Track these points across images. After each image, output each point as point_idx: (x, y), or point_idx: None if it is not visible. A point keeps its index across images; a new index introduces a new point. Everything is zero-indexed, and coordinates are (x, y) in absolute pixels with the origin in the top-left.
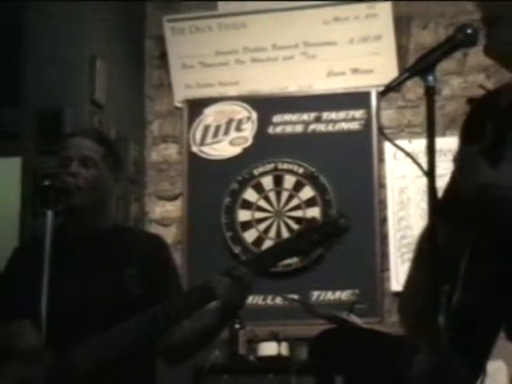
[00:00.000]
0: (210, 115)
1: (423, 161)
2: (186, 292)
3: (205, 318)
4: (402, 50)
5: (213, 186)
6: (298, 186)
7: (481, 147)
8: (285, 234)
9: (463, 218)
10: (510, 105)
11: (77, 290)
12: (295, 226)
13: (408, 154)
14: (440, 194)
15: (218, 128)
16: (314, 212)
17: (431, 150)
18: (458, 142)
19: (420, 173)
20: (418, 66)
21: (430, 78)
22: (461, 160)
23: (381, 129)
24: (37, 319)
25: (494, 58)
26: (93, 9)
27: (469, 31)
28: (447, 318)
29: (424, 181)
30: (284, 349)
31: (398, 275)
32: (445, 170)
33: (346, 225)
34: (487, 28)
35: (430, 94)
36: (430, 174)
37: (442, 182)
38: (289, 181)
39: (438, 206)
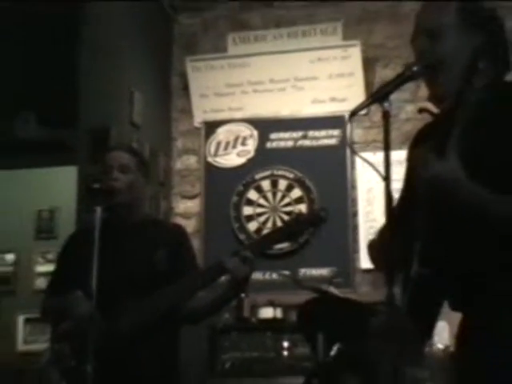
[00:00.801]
0: (222, 133)
1: (381, 168)
2: (204, 268)
3: (219, 289)
4: (368, 84)
5: (223, 187)
6: (289, 188)
7: (430, 146)
8: (279, 224)
9: (417, 204)
10: (448, 118)
11: (118, 266)
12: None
13: (369, 163)
14: (396, 194)
15: (227, 143)
16: (302, 208)
17: (387, 160)
18: (411, 147)
19: (379, 177)
20: (377, 96)
21: (386, 104)
22: (415, 156)
23: (350, 145)
24: (88, 290)
25: (436, 104)
26: (133, 53)
27: (414, 68)
28: (405, 288)
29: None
30: (278, 313)
31: (366, 256)
32: (398, 175)
33: (325, 216)
34: (426, 80)
35: (386, 116)
36: (386, 178)
37: (398, 185)
38: (282, 184)
39: (398, 201)
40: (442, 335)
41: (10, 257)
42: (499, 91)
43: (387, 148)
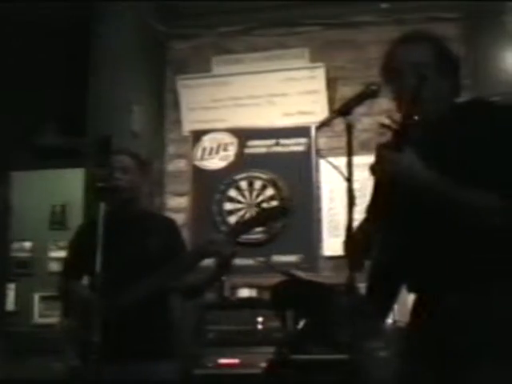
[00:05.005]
0: (207, 141)
1: (344, 171)
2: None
3: (208, 272)
4: (331, 100)
5: (208, 187)
6: (263, 187)
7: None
8: None
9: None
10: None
11: (119, 252)
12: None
13: (335, 167)
14: (355, 193)
15: (211, 149)
16: (274, 204)
17: (349, 164)
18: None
19: (342, 178)
20: (341, 110)
21: (349, 117)
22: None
23: (318, 150)
24: (94, 273)
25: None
26: (132, 73)
27: (373, 87)
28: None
29: (345, 184)
30: (254, 293)
31: (328, 245)
32: (357, 177)
33: (290, 206)
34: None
35: (349, 128)
36: (349, 179)
37: (356, 185)
38: (257, 184)
39: (367, 207)
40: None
41: (27, 244)
42: (453, 111)
43: (350, 154)
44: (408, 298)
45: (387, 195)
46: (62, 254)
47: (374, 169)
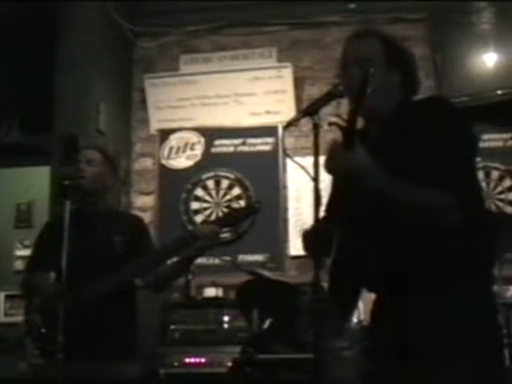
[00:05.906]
0: (174, 140)
1: (311, 171)
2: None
3: (173, 264)
4: (298, 100)
5: (175, 186)
6: (230, 187)
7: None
8: None
9: (336, 199)
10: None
11: (84, 249)
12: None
13: (302, 167)
14: (321, 193)
15: (178, 148)
16: (241, 203)
17: (316, 164)
18: None
19: (309, 178)
20: (308, 110)
21: (316, 117)
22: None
23: (285, 150)
24: (59, 269)
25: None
26: (99, 71)
27: (340, 87)
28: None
29: (312, 184)
30: (220, 292)
31: (294, 245)
32: (324, 176)
33: (258, 207)
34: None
35: (316, 127)
36: (315, 179)
37: (322, 185)
38: (224, 183)
39: (326, 206)
40: (357, 312)
41: None
42: (405, 109)
43: (316, 154)
44: (373, 297)
45: (344, 194)
46: (28, 252)
47: (328, 165)
